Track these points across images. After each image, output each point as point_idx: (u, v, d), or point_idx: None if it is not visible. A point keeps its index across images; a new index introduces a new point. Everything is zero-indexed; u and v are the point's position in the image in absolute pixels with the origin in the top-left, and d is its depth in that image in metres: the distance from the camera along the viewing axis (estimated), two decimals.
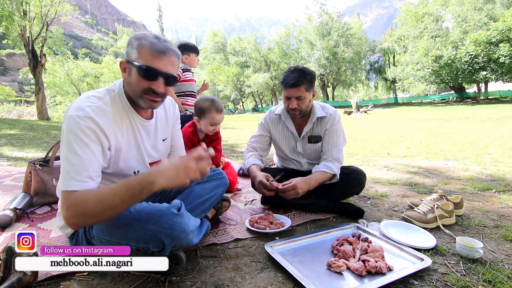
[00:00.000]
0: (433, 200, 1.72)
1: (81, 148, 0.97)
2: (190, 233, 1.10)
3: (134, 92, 1.10)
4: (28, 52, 15.74)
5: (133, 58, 1.06)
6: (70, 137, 0.97)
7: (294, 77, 1.75)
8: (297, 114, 1.88)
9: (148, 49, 1.04)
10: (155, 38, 1.07)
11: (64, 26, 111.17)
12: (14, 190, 2.35)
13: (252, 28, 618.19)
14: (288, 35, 41.92)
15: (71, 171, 0.95)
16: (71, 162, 0.95)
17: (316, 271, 1.18)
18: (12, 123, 10.27)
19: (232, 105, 58.96)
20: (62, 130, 1.01)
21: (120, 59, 1.17)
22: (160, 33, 50.68)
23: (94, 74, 35.18)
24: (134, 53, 1.05)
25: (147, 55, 1.04)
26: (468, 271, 1.20)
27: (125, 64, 1.10)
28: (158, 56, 1.05)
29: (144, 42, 1.05)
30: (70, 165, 0.95)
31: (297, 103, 1.80)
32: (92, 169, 0.99)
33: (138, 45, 1.05)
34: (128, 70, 1.09)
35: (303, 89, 1.77)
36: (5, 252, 1.05)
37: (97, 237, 1.12)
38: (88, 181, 0.96)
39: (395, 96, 42.31)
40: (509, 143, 4.96)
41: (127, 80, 1.11)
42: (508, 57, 21.33)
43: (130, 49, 1.07)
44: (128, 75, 1.09)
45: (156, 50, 1.05)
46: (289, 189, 1.66)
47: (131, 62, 1.07)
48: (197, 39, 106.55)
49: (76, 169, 0.95)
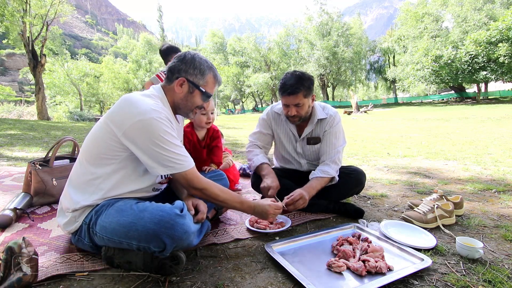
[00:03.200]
0: (433, 200, 1.72)
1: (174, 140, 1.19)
2: (192, 234, 1.11)
3: (187, 106, 1.33)
4: (28, 52, 15.73)
5: (200, 84, 1.29)
6: (161, 135, 1.12)
7: (291, 84, 1.71)
8: (297, 120, 1.86)
9: (215, 81, 1.34)
10: (215, 68, 1.35)
11: (64, 26, 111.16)
12: (14, 190, 2.35)
13: (252, 28, 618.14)
14: (288, 35, 41.89)
15: (181, 155, 1.19)
16: (174, 151, 1.16)
17: (316, 271, 1.19)
18: (12, 123, 10.27)
19: (232, 105, 58.97)
20: (140, 131, 1.11)
21: (120, 59, 1.21)
22: (160, 33, 50.67)
23: (94, 74, 35.18)
24: (202, 81, 1.29)
25: (213, 85, 1.34)
26: (468, 271, 1.20)
27: (184, 82, 1.27)
28: (217, 85, 1.38)
29: (214, 74, 1.32)
30: (174, 154, 1.16)
31: (295, 110, 1.77)
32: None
33: (208, 74, 1.30)
34: (189, 89, 1.29)
35: (301, 96, 1.73)
36: (5, 252, 1.05)
37: (99, 235, 1.14)
38: (192, 161, 1.24)
39: (395, 96, 42.27)
40: (509, 143, 4.96)
41: (183, 96, 1.30)
42: (507, 57, 21.30)
43: (198, 74, 1.28)
44: (188, 93, 1.30)
45: (218, 81, 1.36)
46: (297, 199, 1.62)
47: (197, 86, 1.28)
48: (197, 39, 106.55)
49: (183, 151, 1.21)
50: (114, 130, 1.14)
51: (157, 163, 1.15)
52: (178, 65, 1.28)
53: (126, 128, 1.11)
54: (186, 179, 1.21)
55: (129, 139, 1.13)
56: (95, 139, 1.20)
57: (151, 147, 1.12)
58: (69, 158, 2.22)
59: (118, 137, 1.14)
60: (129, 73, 43.99)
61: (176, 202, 1.17)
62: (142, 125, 1.10)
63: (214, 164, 2.02)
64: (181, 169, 1.18)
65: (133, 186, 1.24)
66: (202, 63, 1.29)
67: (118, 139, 1.14)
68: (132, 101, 1.15)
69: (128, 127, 1.11)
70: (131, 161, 1.20)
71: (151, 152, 1.13)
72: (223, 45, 48.25)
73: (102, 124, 1.20)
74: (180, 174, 1.19)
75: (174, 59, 1.31)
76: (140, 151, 1.14)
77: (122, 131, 1.12)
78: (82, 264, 1.22)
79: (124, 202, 1.17)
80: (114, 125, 1.14)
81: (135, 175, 1.23)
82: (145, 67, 44.35)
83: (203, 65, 1.29)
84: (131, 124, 1.10)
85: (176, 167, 1.17)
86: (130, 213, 1.09)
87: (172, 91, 1.30)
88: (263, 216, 1.42)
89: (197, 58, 1.29)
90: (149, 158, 1.14)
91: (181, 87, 1.28)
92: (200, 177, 1.26)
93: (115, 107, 1.19)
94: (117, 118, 1.15)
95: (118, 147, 1.16)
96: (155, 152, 1.13)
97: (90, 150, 1.21)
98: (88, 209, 1.19)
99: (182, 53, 1.31)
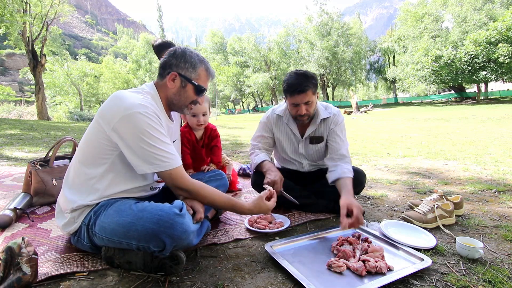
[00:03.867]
0: (433, 200, 1.72)
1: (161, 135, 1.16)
2: (191, 234, 1.11)
3: (181, 101, 1.31)
4: (28, 52, 15.73)
5: (192, 77, 1.28)
6: (146, 130, 1.10)
7: (299, 83, 1.70)
8: (306, 119, 1.84)
9: (207, 74, 1.32)
10: (207, 62, 1.33)
11: (64, 26, 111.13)
12: (14, 190, 2.35)
13: (252, 28, 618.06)
14: (288, 35, 41.88)
15: (166, 153, 1.15)
16: (160, 148, 1.14)
17: (316, 271, 1.18)
18: (12, 123, 10.26)
19: (232, 105, 58.97)
20: (126, 125, 1.10)
21: (120, 59, 1.21)
22: (160, 33, 50.65)
23: (94, 74, 35.20)
24: (194, 73, 1.28)
25: (205, 79, 1.32)
26: (468, 271, 1.20)
27: (176, 76, 1.26)
28: (210, 79, 1.35)
29: (205, 67, 1.31)
30: (160, 150, 1.14)
31: (305, 108, 1.76)
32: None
33: (199, 68, 1.28)
34: (182, 83, 1.28)
35: (310, 94, 1.73)
36: (4, 252, 1.04)
37: (99, 235, 1.14)
38: (179, 160, 1.21)
39: (395, 96, 42.26)
40: (509, 143, 4.96)
41: (176, 90, 1.28)
42: (507, 57, 21.30)
43: (189, 67, 1.26)
44: (180, 87, 1.28)
45: (211, 75, 1.34)
46: (358, 214, 1.48)
47: (189, 80, 1.27)
48: (197, 39, 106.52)
49: (170, 149, 1.18)
50: (104, 126, 1.14)
51: (142, 159, 1.12)
52: (169, 60, 1.27)
53: (114, 123, 1.11)
54: (171, 178, 1.18)
55: (117, 134, 1.12)
56: (88, 139, 1.20)
57: (137, 143, 1.10)
58: (69, 158, 2.22)
59: (107, 134, 1.13)
60: (129, 73, 44.05)
61: (175, 202, 1.16)
62: (128, 119, 1.09)
63: (213, 164, 2.02)
64: (166, 167, 1.15)
65: (129, 185, 1.24)
66: (193, 57, 1.28)
67: (108, 136, 1.14)
68: (120, 97, 1.15)
69: (115, 122, 1.10)
70: (123, 159, 1.18)
71: (137, 147, 1.11)
72: (223, 45, 48.25)
73: (93, 123, 1.20)
74: (166, 173, 1.16)
75: (165, 55, 1.30)
76: (126, 147, 1.12)
77: (110, 127, 1.12)
78: (82, 264, 1.22)
79: (123, 202, 1.17)
80: (103, 122, 1.14)
81: (129, 173, 1.22)
82: (145, 67, 44.39)
83: (194, 59, 1.28)
84: (119, 119, 1.10)
85: (162, 165, 1.14)
86: (129, 213, 1.09)
87: (165, 86, 1.29)
88: (262, 211, 1.43)
89: (188, 52, 1.28)
90: (134, 154, 1.12)
91: (174, 82, 1.27)
92: (186, 177, 1.22)
93: (104, 104, 1.19)
94: (106, 114, 1.15)
95: (109, 145, 1.16)
96: (140, 148, 1.11)
97: (84, 150, 1.21)
98: (87, 210, 1.19)
99: (173, 48, 1.30)
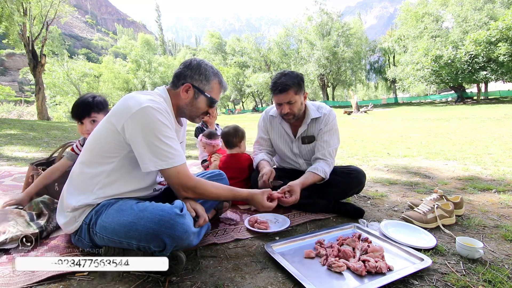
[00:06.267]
0: (433, 200, 1.72)
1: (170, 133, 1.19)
2: (192, 234, 1.11)
3: (193, 112, 1.35)
4: (28, 52, 15.73)
5: (205, 89, 1.32)
6: (157, 125, 1.13)
7: (281, 82, 1.76)
8: (291, 118, 1.89)
9: (220, 87, 1.38)
10: (221, 75, 1.38)
11: (64, 26, 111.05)
12: (14, 190, 2.35)
13: (252, 28, 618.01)
14: (288, 35, 41.84)
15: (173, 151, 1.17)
16: (169, 143, 1.16)
17: (316, 271, 1.19)
18: (12, 123, 10.26)
19: (232, 105, 58.96)
20: (138, 119, 1.12)
21: (120, 59, 1.21)
22: (159, 33, 50.61)
23: (93, 74, 35.20)
24: (208, 86, 1.33)
25: (218, 91, 1.38)
26: (468, 271, 1.20)
27: (190, 88, 1.30)
28: (222, 92, 1.42)
29: (219, 80, 1.36)
30: (168, 146, 1.16)
31: (288, 108, 1.81)
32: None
33: (213, 80, 1.33)
34: (195, 95, 1.32)
35: (292, 93, 1.77)
36: (39, 202, 1.59)
37: (99, 234, 1.14)
38: (184, 157, 1.24)
39: (395, 96, 42.22)
40: (509, 143, 4.96)
41: (188, 101, 1.32)
42: (507, 56, 21.29)
43: (203, 79, 1.31)
44: (194, 98, 1.32)
45: (223, 87, 1.40)
46: (288, 193, 1.62)
47: (202, 92, 1.31)
48: (197, 39, 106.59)
49: (177, 145, 1.21)
50: (115, 124, 1.15)
51: (151, 153, 1.13)
52: (184, 71, 1.31)
53: (126, 118, 1.13)
54: (178, 176, 1.19)
55: (127, 130, 1.13)
56: (96, 139, 1.22)
57: (148, 137, 1.12)
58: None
59: (118, 130, 1.15)
60: (128, 73, 44.01)
61: (175, 202, 1.17)
62: (140, 113, 1.12)
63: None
64: (173, 164, 1.16)
65: (133, 186, 1.25)
66: (207, 69, 1.32)
67: (119, 133, 1.15)
68: (132, 96, 1.20)
69: (128, 117, 1.13)
70: (130, 159, 1.20)
71: (147, 143, 1.12)
72: (221, 46, 48.22)
73: (104, 122, 1.22)
74: (172, 170, 1.17)
75: (180, 65, 1.34)
76: (136, 143, 1.13)
77: (122, 124, 1.14)
78: None
79: (124, 202, 1.17)
80: (115, 119, 1.16)
81: (133, 174, 1.23)
82: (145, 67, 44.34)
83: (208, 71, 1.32)
84: (131, 114, 1.12)
85: (169, 162, 1.15)
86: (130, 213, 1.10)
87: (178, 96, 1.32)
88: (256, 205, 1.43)
89: (203, 64, 1.33)
90: (144, 149, 1.13)
91: (187, 92, 1.31)
92: (191, 174, 1.25)
93: (117, 104, 1.22)
94: (118, 112, 1.17)
95: (117, 145, 1.17)
96: (150, 143, 1.12)
97: (91, 149, 1.22)
98: (88, 209, 1.19)
99: (189, 59, 1.35)
